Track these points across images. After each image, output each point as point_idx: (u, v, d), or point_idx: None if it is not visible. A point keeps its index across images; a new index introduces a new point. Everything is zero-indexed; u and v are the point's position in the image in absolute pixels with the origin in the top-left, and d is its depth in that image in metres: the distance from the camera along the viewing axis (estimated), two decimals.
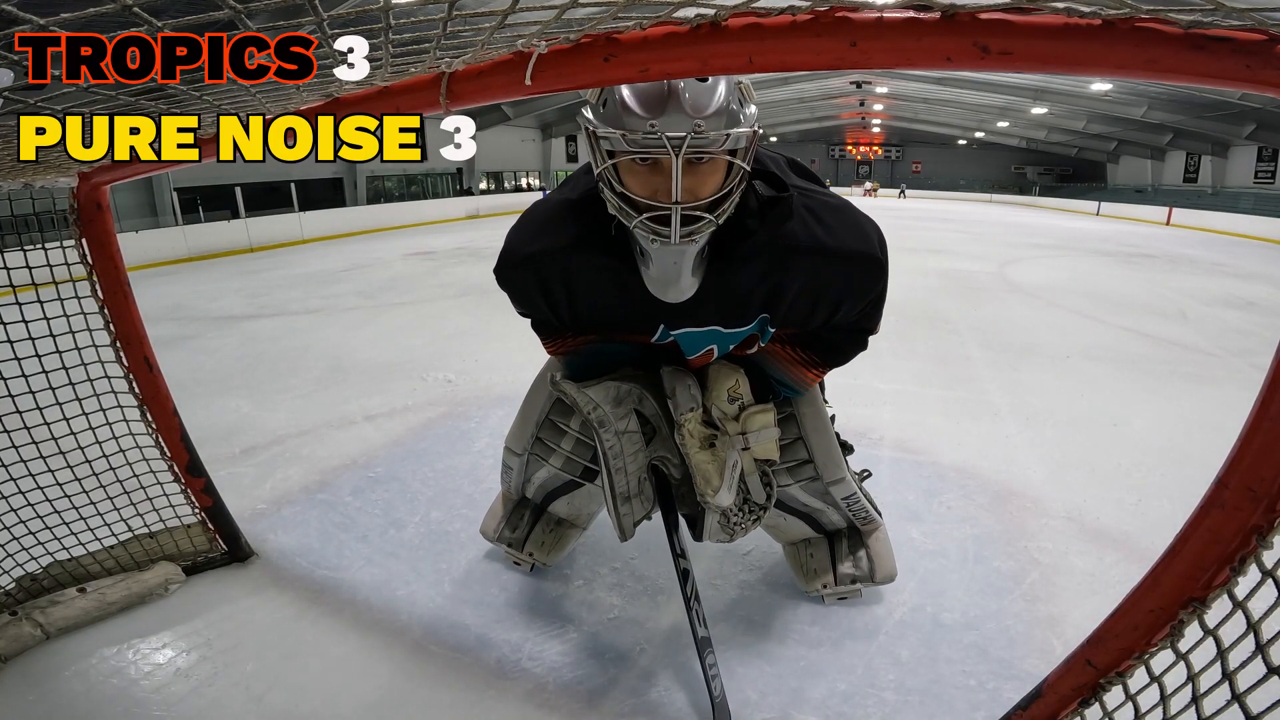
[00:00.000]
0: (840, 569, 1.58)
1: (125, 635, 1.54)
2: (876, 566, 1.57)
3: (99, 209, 1.48)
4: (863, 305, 1.16)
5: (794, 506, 1.54)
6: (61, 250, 1.49)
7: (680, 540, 1.40)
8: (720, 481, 1.23)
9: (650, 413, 1.31)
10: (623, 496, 1.29)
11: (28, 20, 0.57)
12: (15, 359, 1.41)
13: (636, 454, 1.30)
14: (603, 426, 1.24)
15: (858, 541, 1.61)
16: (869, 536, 1.61)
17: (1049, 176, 28.39)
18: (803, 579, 1.63)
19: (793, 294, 1.10)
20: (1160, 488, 2.25)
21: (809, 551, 1.64)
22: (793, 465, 1.46)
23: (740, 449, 1.25)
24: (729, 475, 1.24)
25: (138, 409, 1.63)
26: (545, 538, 1.70)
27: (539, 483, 1.64)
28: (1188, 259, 9.21)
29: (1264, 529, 0.68)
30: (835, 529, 1.62)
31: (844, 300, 1.13)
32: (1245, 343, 4.33)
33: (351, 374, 3.61)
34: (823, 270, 1.07)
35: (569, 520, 1.72)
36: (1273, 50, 0.51)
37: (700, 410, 1.27)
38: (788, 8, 0.64)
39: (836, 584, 1.58)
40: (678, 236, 0.89)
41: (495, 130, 18.85)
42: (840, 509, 1.54)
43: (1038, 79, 16.10)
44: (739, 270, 1.06)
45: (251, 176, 12.56)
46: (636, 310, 1.13)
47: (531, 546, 1.69)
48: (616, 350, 1.31)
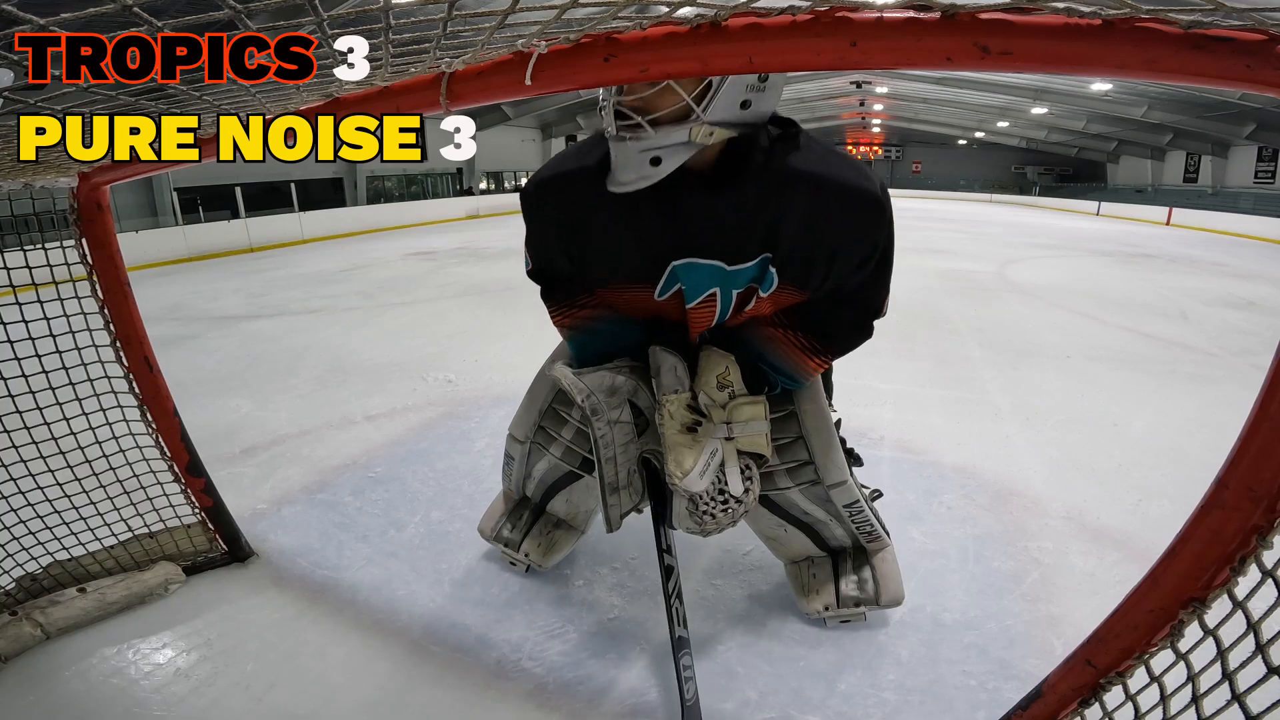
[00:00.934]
0: (843, 590, 1.51)
1: (125, 635, 1.54)
2: (882, 589, 1.50)
3: (99, 209, 1.48)
4: (863, 261, 1.13)
5: (794, 514, 1.50)
6: (61, 250, 1.49)
7: (668, 537, 1.40)
8: (692, 465, 1.18)
9: (644, 405, 1.32)
10: (611, 487, 1.32)
11: (28, 20, 0.57)
12: (15, 359, 1.41)
13: (628, 445, 1.32)
14: (595, 415, 1.27)
15: (863, 561, 1.54)
16: (874, 556, 1.54)
17: (1049, 176, 28.37)
18: (803, 599, 1.56)
19: (791, 229, 1.09)
20: (1160, 488, 2.25)
21: (811, 571, 1.57)
22: (793, 466, 1.42)
23: (723, 438, 1.22)
24: (704, 461, 1.19)
25: (138, 409, 1.63)
26: (542, 539, 1.70)
27: (539, 476, 1.65)
28: (1188, 259, 9.21)
29: (1264, 529, 0.68)
30: (840, 546, 1.56)
31: (842, 245, 1.10)
32: (1245, 342, 4.33)
33: (351, 374, 3.61)
34: (820, 203, 1.07)
35: (567, 521, 1.72)
36: (1273, 50, 0.51)
37: (686, 394, 1.24)
38: (788, 7, 0.64)
39: (839, 605, 1.51)
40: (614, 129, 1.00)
41: (495, 130, 18.85)
42: (844, 521, 1.48)
43: (1038, 79, 16.09)
44: (740, 193, 1.08)
45: (251, 176, 12.56)
46: (646, 245, 1.15)
47: (528, 547, 1.69)
48: (618, 333, 1.31)
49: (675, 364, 1.25)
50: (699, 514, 1.22)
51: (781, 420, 1.39)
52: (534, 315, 5.44)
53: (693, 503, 1.22)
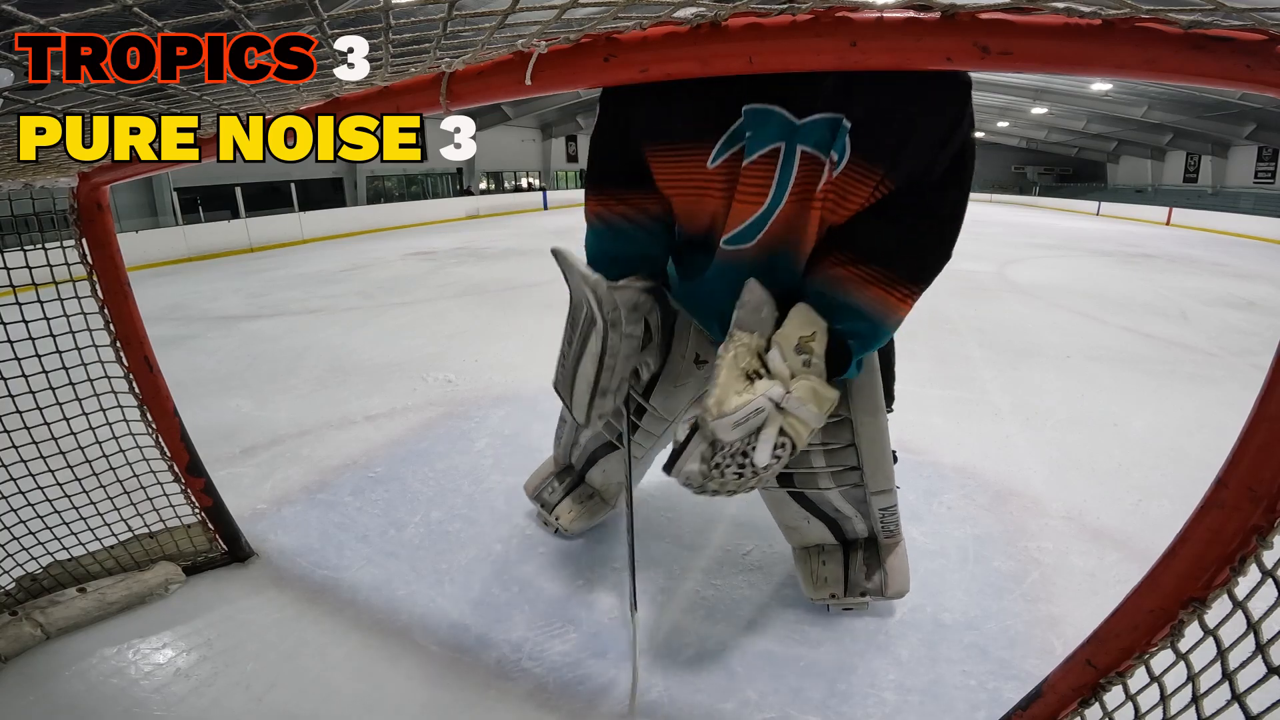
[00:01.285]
0: (851, 580, 1.54)
1: (125, 635, 1.54)
2: (890, 580, 1.53)
3: (99, 209, 1.48)
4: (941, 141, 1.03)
5: (825, 510, 1.51)
6: (61, 250, 1.49)
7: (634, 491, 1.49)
8: (733, 411, 1.03)
9: (654, 324, 1.29)
10: (601, 391, 1.28)
11: (28, 20, 0.57)
12: (15, 359, 1.41)
13: (629, 357, 1.29)
14: (614, 327, 1.22)
15: (874, 554, 1.57)
16: (888, 550, 1.56)
17: (1049, 176, 28.36)
18: (810, 586, 1.58)
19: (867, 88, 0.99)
20: (1160, 488, 2.25)
21: (821, 559, 1.59)
22: (838, 470, 1.42)
23: (776, 404, 1.06)
24: (746, 413, 1.04)
25: (138, 409, 1.63)
26: (575, 506, 1.84)
27: (583, 444, 1.79)
28: (1188, 259, 9.20)
29: (1264, 529, 0.68)
30: (854, 538, 1.58)
31: (919, 115, 1.00)
32: (1245, 342, 4.33)
33: (351, 374, 3.61)
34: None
35: (600, 494, 1.86)
36: (1273, 50, 0.51)
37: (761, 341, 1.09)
38: (787, 7, 0.64)
39: (846, 594, 1.54)
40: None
41: (495, 130, 18.84)
42: (872, 518, 1.50)
43: (1038, 79, 16.08)
44: None
45: (251, 176, 12.57)
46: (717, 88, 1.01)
47: (560, 511, 1.85)
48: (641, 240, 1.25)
49: (766, 304, 1.11)
50: (711, 464, 1.07)
51: (834, 426, 1.35)
52: (534, 315, 5.44)
53: (711, 448, 1.07)
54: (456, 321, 4.91)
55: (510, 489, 2.18)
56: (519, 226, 13.11)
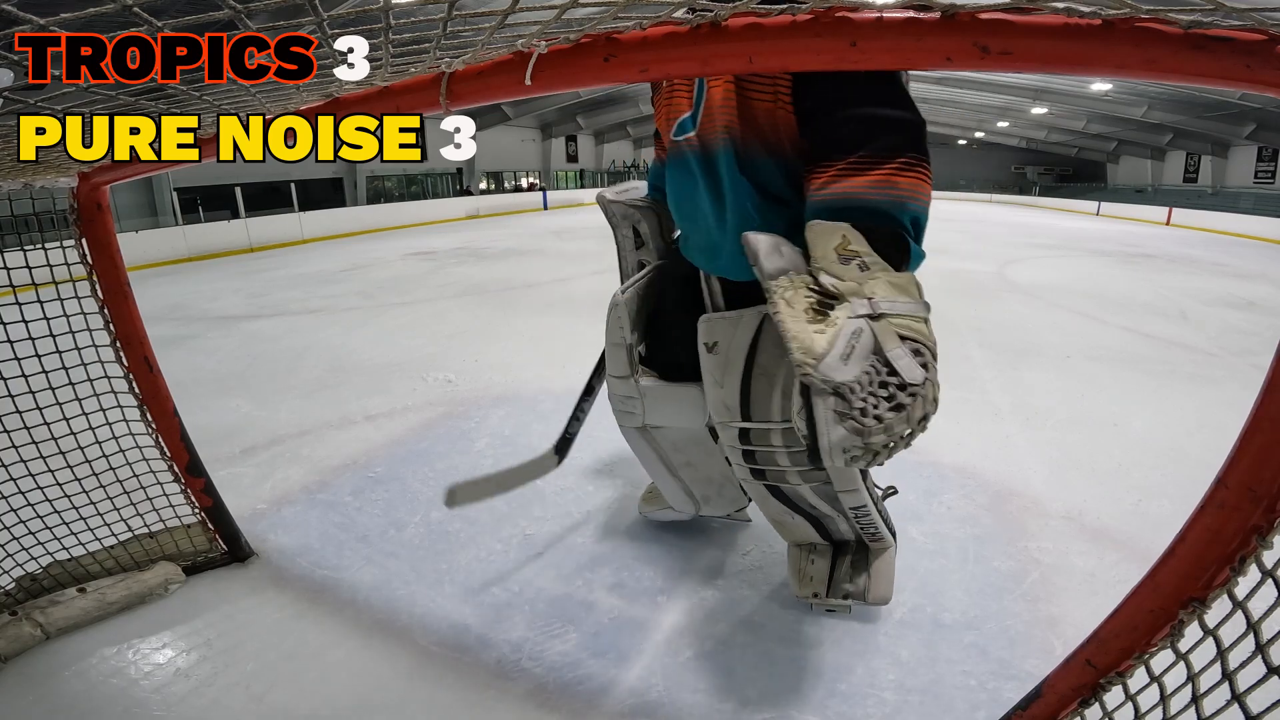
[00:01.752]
0: (836, 581, 1.56)
1: (125, 635, 1.54)
2: (871, 587, 1.53)
3: (99, 209, 1.48)
4: None
5: (802, 507, 1.52)
6: (61, 250, 1.49)
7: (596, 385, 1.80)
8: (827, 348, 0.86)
9: (642, 230, 1.68)
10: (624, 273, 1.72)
11: (28, 20, 0.57)
12: (15, 359, 1.41)
13: (630, 252, 1.71)
14: (616, 229, 1.69)
15: (862, 559, 1.57)
16: (875, 556, 1.57)
17: (1049, 176, 28.38)
18: (796, 582, 1.60)
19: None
20: (1160, 488, 2.25)
21: (810, 558, 1.61)
22: (805, 470, 1.43)
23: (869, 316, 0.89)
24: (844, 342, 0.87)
25: (138, 409, 1.63)
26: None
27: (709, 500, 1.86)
28: (1188, 259, 9.21)
29: (1264, 529, 0.68)
30: (843, 539, 1.59)
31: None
32: (1245, 342, 4.33)
33: (351, 374, 3.61)
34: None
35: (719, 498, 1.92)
36: (1273, 50, 0.51)
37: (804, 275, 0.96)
38: (787, 7, 0.64)
39: (829, 595, 1.55)
40: None
41: (495, 130, 18.84)
42: (849, 520, 1.51)
43: (1038, 79, 16.08)
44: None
45: (251, 176, 12.58)
46: None
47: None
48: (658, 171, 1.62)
49: (777, 243, 0.99)
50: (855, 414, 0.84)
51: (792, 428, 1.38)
52: (534, 315, 5.44)
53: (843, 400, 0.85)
54: (456, 321, 4.91)
55: None
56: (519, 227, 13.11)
